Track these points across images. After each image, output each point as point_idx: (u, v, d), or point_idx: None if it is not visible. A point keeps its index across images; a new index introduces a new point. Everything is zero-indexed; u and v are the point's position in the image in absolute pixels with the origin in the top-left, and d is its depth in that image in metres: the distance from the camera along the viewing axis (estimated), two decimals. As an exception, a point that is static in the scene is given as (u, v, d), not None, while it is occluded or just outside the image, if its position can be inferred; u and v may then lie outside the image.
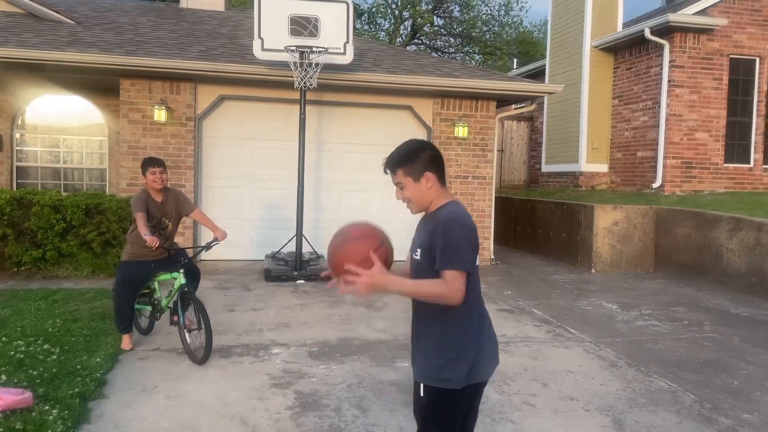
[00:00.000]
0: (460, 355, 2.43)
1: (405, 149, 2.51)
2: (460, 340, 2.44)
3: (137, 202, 5.07)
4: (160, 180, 5.16)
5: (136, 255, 5.20)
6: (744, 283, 8.26)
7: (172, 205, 5.32)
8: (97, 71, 8.91)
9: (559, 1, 14.27)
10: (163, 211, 5.24)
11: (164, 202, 5.26)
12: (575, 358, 5.45)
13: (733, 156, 11.66)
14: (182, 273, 5.13)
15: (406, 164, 2.48)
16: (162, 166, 5.20)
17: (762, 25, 11.52)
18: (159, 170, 5.15)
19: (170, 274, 5.25)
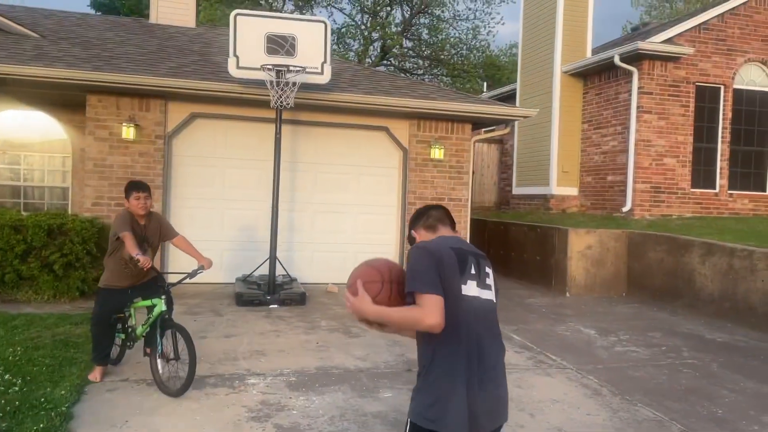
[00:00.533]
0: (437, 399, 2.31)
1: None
2: (435, 381, 2.34)
3: (122, 221, 4.83)
4: (144, 206, 4.96)
5: (116, 281, 4.98)
6: (717, 307, 8.34)
7: (154, 231, 5.12)
8: (62, 86, 8.60)
9: (529, 26, 14.47)
10: (144, 235, 5.03)
11: (146, 226, 5.06)
12: (559, 386, 5.36)
13: (699, 181, 11.88)
14: (164, 299, 4.87)
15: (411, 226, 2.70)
16: (147, 191, 4.99)
17: (726, 54, 11.84)
18: (144, 195, 4.95)
19: (150, 300, 4.98)
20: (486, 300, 2.42)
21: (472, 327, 2.33)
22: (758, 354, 6.62)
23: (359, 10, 25.12)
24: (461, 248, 2.42)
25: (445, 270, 2.29)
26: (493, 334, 2.44)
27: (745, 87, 12.08)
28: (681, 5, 28.12)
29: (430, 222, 2.61)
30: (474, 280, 2.37)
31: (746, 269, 7.93)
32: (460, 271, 2.33)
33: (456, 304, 2.28)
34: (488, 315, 2.43)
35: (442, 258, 2.31)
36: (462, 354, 2.31)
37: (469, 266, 2.37)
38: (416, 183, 9.99)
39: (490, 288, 2.46)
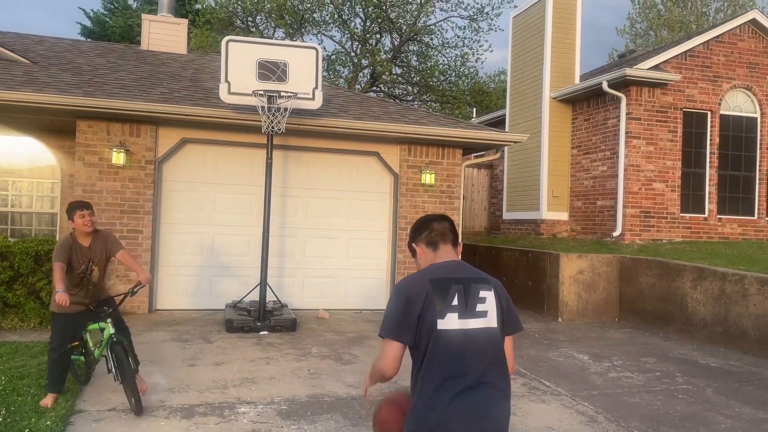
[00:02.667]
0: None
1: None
2: (415, 415, 2.34)
3: (60, 249, 4.85)
4: (90, 222, 4.98)
5: (63, 306, 4.90)
6: (709, 332, 8.32)
7: (100, 249, 5.10)
8: (52, 112, 8.57)
9: (518, 53, 14.64)
10: (90, 256, 5.03)
11: (92, 246, 5.05)
12: (554, 413, 5.29)
13: (689, 206, 11.96)
14: (110, 322, 4.92)
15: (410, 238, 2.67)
16: (90, 208, 5.04)
17: (712, 80, 12.02)
18: (88, 213, 4.98)
19: (98, 324, 5.05)
20: (474, 329, 2.33)
21: (451, 361, 2.28)
22: (752, 379, 6.59)
23: (349, 37, 25.34)
24: (445, 278, 2.37)
25: (416, 308, 2.29)
26: (489, 366, 2.34)
27: (731, 113, 12.24)
28: (665, 34, 28.63)
29: (432, 237, 2.55)
30: (455, 311, 2.31)
31: (738, 294, 7.94)
32: (436, 305, 2.29)
33: (432, 340, 2.28)
34: (479, 346, 2.33)
35: (413, 297, 2.31)
36: (439, 389, 2.27)
37: (450, 297, 2.32)
38: (407, 208, 9.98)
39: (484, 315, 2.37)
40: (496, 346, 2.39)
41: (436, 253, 2.52)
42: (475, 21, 25.16)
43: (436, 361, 2.27)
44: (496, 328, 2.41)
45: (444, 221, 2.60)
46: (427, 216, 2.65)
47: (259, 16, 24.40)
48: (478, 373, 2.29)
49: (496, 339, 2.40)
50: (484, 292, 2.41)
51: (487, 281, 2.47)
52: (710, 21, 27.74)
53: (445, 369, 2.28)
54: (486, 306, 2.39)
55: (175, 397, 5.20)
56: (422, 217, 2.65)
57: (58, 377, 4.98)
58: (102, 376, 5.50)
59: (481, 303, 2.38)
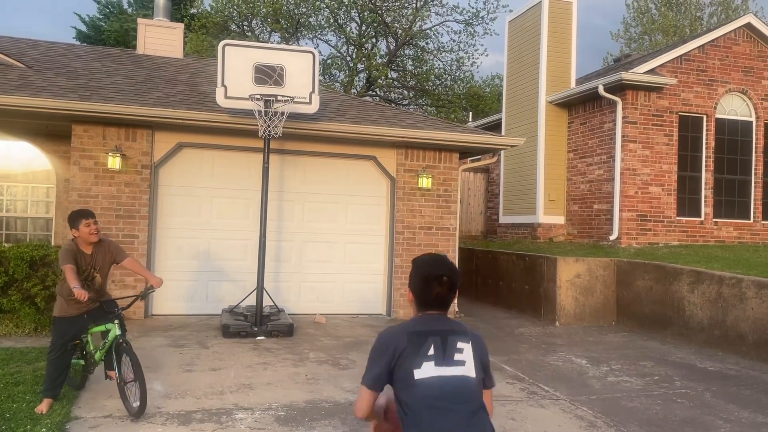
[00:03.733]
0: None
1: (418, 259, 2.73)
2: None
3: (66, 254, 4.86)
4: (96, 231, 5.02)
5: (68, 309, 4.99)
6: (707, 336, 8.32)
7: (102, 256, 5.12)
8: (48, 116, 8.53)
9: (513, 57, 14.67)
10: (93, 263, 5.05)
11: (94, 254, 5.07)
12: (553, 418, 5.27)
13: (685, 209, 11.99)
14: (117, 324, 4.94)
15: None
16: (94, 216, 5.08)
17: (708, 84, 12.06)
18: (93, 221, 5.01)
19: (104, 325, 5.05)
20: (452, 377, 2.42)
21: (429, 408, 2.36)
22: (750, 383, 6.58)
23: (345, 41, 25.38)
24: (423, 330, 2.48)
25: (393, 357, 2.44)
26: (467, 414, 2.40)
27: (726, 116, 12.29)
28: (660, 38, 28.75)
29: (428, 302, 2.57)
30: (431, 360, 2.42)
31: (735, 297, 7.94)
32: (412, 356, 2.42)
33: (408, 388, 2.40)
34: (458, 394, 2.41)
35: (389, 348, 2.46)
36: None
37: (425, 349, 2.43)
38: (404, 212, 9.96)
39: (462, 364, 2.46)
40: (476, 393, 2.46)
41: (423, 312, 2.60)
42: (470, 25, 25.24)
43: (410, 407, 2.39)
44: (474, 377, 2.48)
45: (446, 288, 2.56)
46: (432, 271, 2.56)
47: (255, 20, 24.41)
48: (455, 420, 2.37)
49: (475, 387, 2.47)
50: (461, 343, 2.50)
51: (465, 333, 2.55)
52: (704, 25, 27.87)
53: (417, 416, 2.38)
54: (463, 356, 2.48)
55: (172, 403, 5.16)
56: (426, 265, 2.58)
57: (56, 381, 4.94)
58: (97, 382, 5.46)
59: (459, 353, 2.47)
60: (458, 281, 2.60)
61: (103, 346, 5.06)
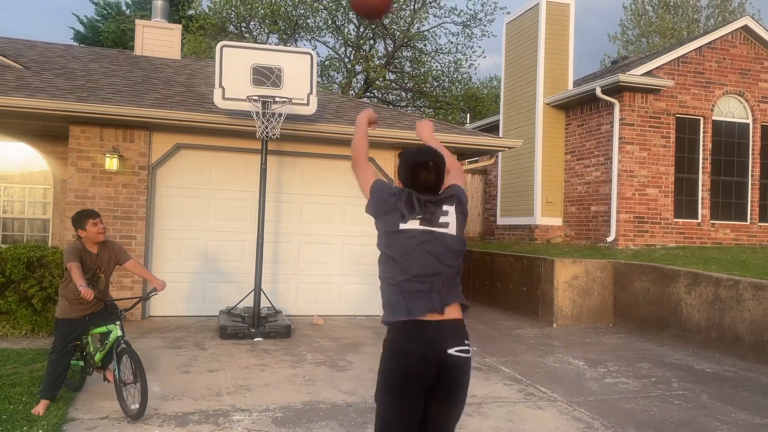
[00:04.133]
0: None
1: (404, 151, 2.95)
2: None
3: (72, 251, 4.85)
4: (103, 231, 5.06)
5: (71, 311, 4.99)
6: (704, 337, 8.33)
7: (107, 257, 5.14)
8: (45, 117, 8.52)
9: (511, 59, 14.69)
10: (98, 263, 5.06)
11: (99, 253, 5.08)
12: (551, 419, 5.27)
13: (682, 211, 12.01)
14: (118, 325, 4.96)
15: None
16: (100, 216, 5.11)
17: (705, 86, 12.09)
18: (99, 220, 5.05)
19: (105, 326, 5.05)
20: (434, 233, 2.62)
21: (410, 252, 2.58)
22: (748, 384, 6.59)
23: (343, 43, 25.40)
24: (412, 193, 2.66)
25: (387, 206, 2.63)
26: (443, 271, 2.62)
27: (723, 119, 12.32)
28: (657, 40, 28.81)
29: (418, 186, 2.68)
30: (417, 218, 2.61)
31: (732, 299, 7.95)
32: (400, 209, 2.60)
33: (392, 234, 2.60)
34: (437, 250, 2.61)
35: (386, 192, 2.68)
36: (400, 280, 2.59)
37: (413, 205, 2.61)
38: (402, 214, 9.94)
39: (446, 226, 2.66)
40: (456, 252, 2.69)
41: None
42: (468, 27, 25.27)
43: (397, 257, 2.60)
44: (456, 234, 2.69)
45: (432, 172, 2.69)
46: (418, 158, 2.70)
47: (253, 21, 24.41)
48: (437, 276, 2.61)
49: (457, 242, 2.69)
50: (446, 206, 2.68)
51: (453, 197, 2.72)
52: (701, 28, 27.94)
53: (405, 264, 2.59)
54: (448, 218, 2.66)
55: (169, 405, 5.15)
56: (413, 155, 2.73)
57: (54, 381, 4.91)
58: (95, 383, 5.45)
59: (444, 215, 2.65)
60: (444, 166, 2.73)
61: (104, 347, 5.05)
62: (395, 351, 2.61)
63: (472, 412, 5.34)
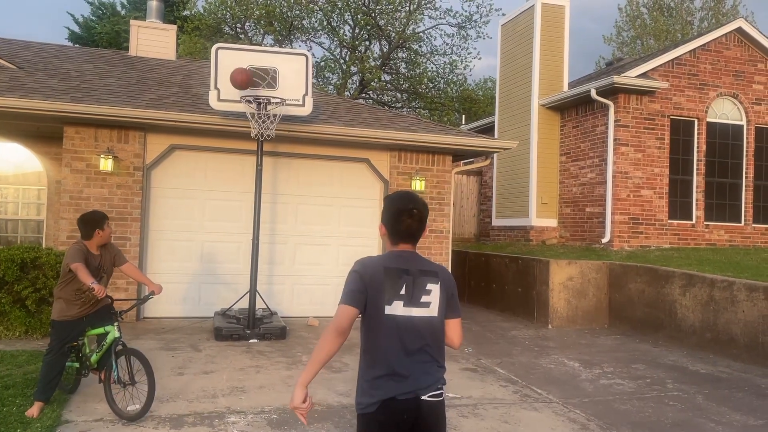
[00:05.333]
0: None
1: (389, 195, 2.81)
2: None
3: (77, 253, 4.85)
4: (111, 235, 5.18)
5: (69, 312, 4.97)
6: (698, 338, 8.35)
7: (108, 259, 5.18)
8: (39, 118, 8.49)
9: (506, 61, 14.71)
10: (102, 264, 5.09)
11: (101, 255, 5.11)
12: (546, 421, 5.28)
13: (676, 213, 12.04)
14: (116, 326, 4.96)
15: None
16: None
17: (699, 88, 12.13)
18: (108, 224, 5.15)
19: (102, 328, 5.04)
20: (416, 317, 2.60)
21: (390, 341, 2.55)
22: (742, 385, 6.61)
23: (338, 44, 25.38)
24: (398, 268, 2.62)
25: (370, 289, 2.55)
26: (426, 348, 2.60)
27: (717, 120, 12.36)
28: (652, 42, 28.91)
29: (400, 233, 2.68)
30: (401, 300, 2.57)
31: (727, 300, 7.98)
32: (385, 291, 2.56)
33: (376, 320, 2.55)
34: (419, 331, 2.60)
35: (367, 277, 2.56)
36: (385, 364, 2.55)
37: (398, 286, 2.58)
38: (397, 215, 9.94)
39: (427, 305, 2.62)
40: (437, 333, 2.67)
41: (396, 245, 2.71)
42: (463, 29, 25.28)
43: (377, 339, 2.57)
44: (437, 317, 2.66)
45: (416, 220, 2.69)
46: (403, 205, 2.69)
47: (248, 22, 24.37)
48: (415, 347, 2.59)
49: (437, 326, 2.67)
50: (430, 285, 2.65)
51: (435, 274, 2.70)
52: (695, 30, 28.05)
53: (384, 349, 2.56)
54: (430, 297, 2.65)
55: (164, 407, 5.13)
56: (397, 201, 2.70)
57: (49, 383, 4.88)
58: (90, 385, 5.43)
59: (426, 295, 2.63)
60: (426, 214, 2.73)
61: (100, 348, 5.03)
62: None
63: (468, 413, 5.34)
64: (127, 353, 4.89)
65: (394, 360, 2.55)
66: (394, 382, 2.54)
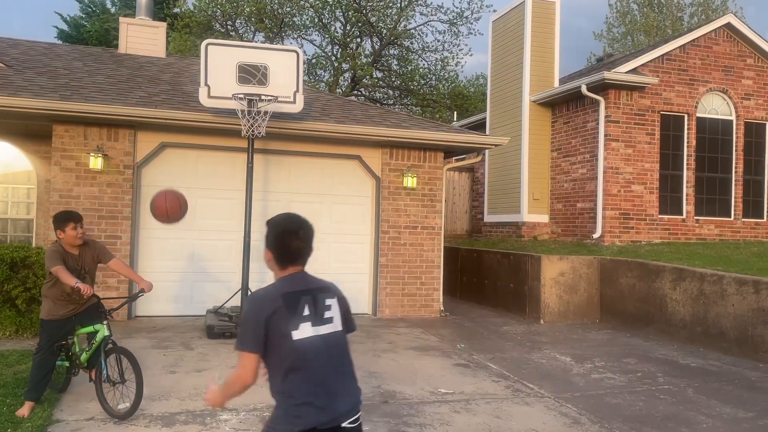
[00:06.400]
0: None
1: (271, 219, 2.70)
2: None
3: (53, 255, 4.80)
4: (81, 236, 4.97)
5: (58, 311, 4.94)
6: (689, 332, 8.41)
7: (90, 257, 5.10)
8: (28, 116, 8.43)
9: (497, 57, 14.72)
10: (82, 264, 5.01)
11: (81, 254, 5.03)
12: (538, 415, 5.30)
13: (667, 208, 12.10)
14: (105, 325, 4.93)
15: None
16: (81, 220, 5.01)
17: (689, 84, 12.19)
18: (79, 225, 4.95)
19: (92, 326, 5.01)
20: (326, 335, 2.56)
21: (310, 366, 2.48)
22: (732, 378, 6.67)
23: (329, 41, 25.32)
24: (294, 291, 2.56)
25: (271, 321, 2.45)
26: (339, 364, 2.58)
27: (707, 115, 12.43)
28: (642, 38, 29.01)
29: (286, 257, 2.60)
30: (308, 321, 2.52)
31: (716, 294, 8.04)
32: (289, 317, 2.48)
33: (285, 349, 2.46)
34: (330, 349, 2.57)
35: (265, 311, 2.47)
36: (304, 391, 2.47)
37: (300, 308, 2.52)
38: (389, 211, 9.96)
39: (330, 321, 2.60)
40: (345, 347, 2.66)
41: (285, 270, 2.63)
42: (454, 25, 25.27)
43: (297, 365, 2.47)
44: (342, 330, 2.66)
45: (303, 242, 2.62)
46: (289, 228, 2.62)
47: (239, 19, 24.27)
48: (331, 365, 2.55)
49: (344, 340, 2.67)
50: (329, 300, 2.64)
51: (329, 290, 2.69)
52: (685, 26, 28.17)
53: (303, 375, 2.49)
54: (332, 312, 2.63)
55: (156, 405, 5.12)
56: (282, 224, 2.63)
57: (39, 383, 4.87)
58: (80, 384, 5.40)
59: (328, 310, 2.61)
60: (312, 235, 2.67)
61: (90, 347, 5.00)
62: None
63: (460, 408, 5.36)
64: (116, 352, 4.88)
65: (313, 385, 2.48)
66: (315, 409, 2.46)
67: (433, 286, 10.07)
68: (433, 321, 9.65)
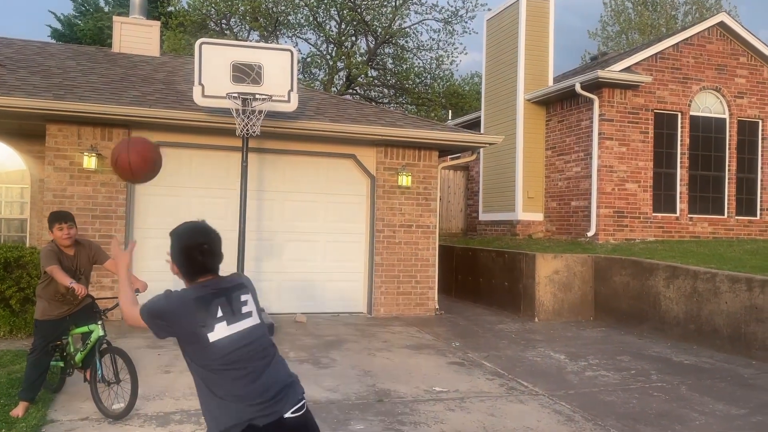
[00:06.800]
0: None
1: (174, 231, 2.62)
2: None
3: (49, 255, 4.78)
4: (68, 236, 4.89)
5: (52, 311, 4.93)
6: (682, 330, 8.45)
7: (85, 258, 5.07)
8: (21, 116, 8.40)
9: (492, 56, 14.74)
10: (77, 263, 4.98)
11: (77, 254, 5.00)
12: (532, 413, 5.32)
13: (660, 206, 12.15)
14: (100, 325, 4.93)
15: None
16: (70, 220, 4.93)
17: (682, 82, 12.23)
18: (66, 226, 4.88)
19: (86, 326, 5.01)
20: (243, 331, 2.51)
21: (228, 369, 2.42)
22: (725, 376, 6.70)
23: (324, 40, 25.30)
24: (206, 294, 2.50)
25: (184, 327, 2.44)
26: (264, 356, 2.52)
27: (701, 114, 12.47)
28: (636, 37, 29.08)
29: (194, 270, 2.55)
30: (222, 321, 2.46)
31: (710, 292, 8.08)
32: (203, 320, 2.44)
33: (203, 351, 2.42)
34: (253, 343, 2.51)
35: (179, 316, 2.46)
36: (235, 390, 2.41)
37: (213, 310, 2.46)
38: (384, 210, 9.98)
39: (249, 315, 2.55)
40: (267, 338, 2.62)
41: (194, 281, 2.57)
42: (449, 24, 25.29)
43: (222, 365, 2.42)
44: (261, 322, 2.63)
45: (209, 255, 2.57)
46: (192, 241, 2.57)
47: (234, 18, 24.23)
48: (258, 358, 2.50)
49: (265, 331, 2.63)
50: (244, 296, 2.60)
51: (243, 285, 2.64)
52: (679, 24, 28.26)
53: (230, 371, 2.43)
54: (248, 307, 2.58)
55: (150, 405, 5.12)
56: (185, 237, 2.58)
57: (34, 383, 4.87)
58: (75, 384, 5.40)
59: (244, 305, 2.57)
60: (220, 243, 2.62)
61: (85, 347, 5.00)
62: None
63: (455, 406, 5.38)
64: (111, 352, 4.88)
65: (241, 383, 2.42)
66: (250, 407, 2.39)
67: (428, 284, 10.08)
68: (428, 319, 9.67)
